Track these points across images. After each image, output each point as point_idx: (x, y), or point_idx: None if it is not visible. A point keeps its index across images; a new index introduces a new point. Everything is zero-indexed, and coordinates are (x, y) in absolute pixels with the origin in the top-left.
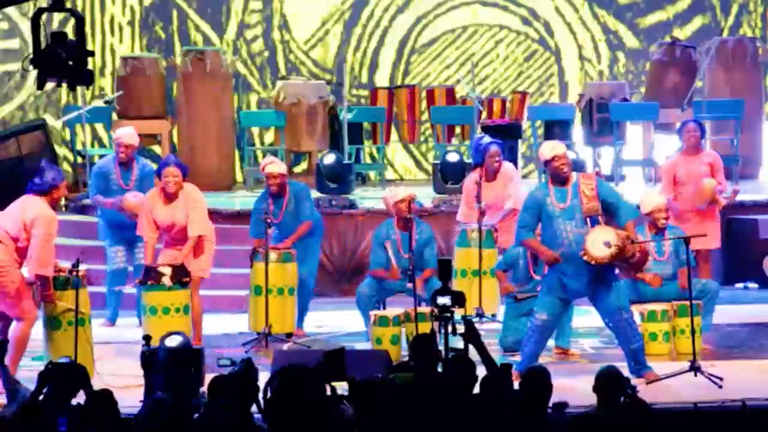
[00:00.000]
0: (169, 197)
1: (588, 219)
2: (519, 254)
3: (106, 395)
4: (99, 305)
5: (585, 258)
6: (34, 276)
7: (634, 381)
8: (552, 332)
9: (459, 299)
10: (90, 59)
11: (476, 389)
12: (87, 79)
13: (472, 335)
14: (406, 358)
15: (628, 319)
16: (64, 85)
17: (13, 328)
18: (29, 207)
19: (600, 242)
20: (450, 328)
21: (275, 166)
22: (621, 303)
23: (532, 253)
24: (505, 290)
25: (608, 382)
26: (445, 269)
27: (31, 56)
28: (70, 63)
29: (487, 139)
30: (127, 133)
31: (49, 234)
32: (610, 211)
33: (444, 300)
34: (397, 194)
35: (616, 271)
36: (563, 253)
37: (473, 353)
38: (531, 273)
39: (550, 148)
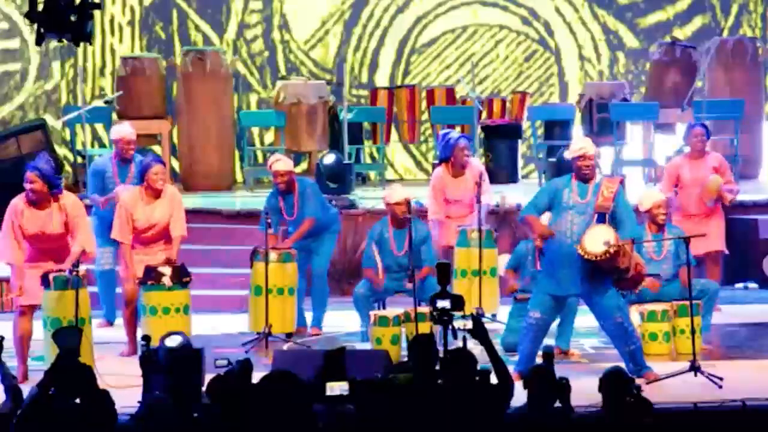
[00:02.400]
0: (155, 196)
1: (596, 216)
2: (528, 251)
3: (104, 395)
4: (99, 306)
5: (579, 250)
6: None
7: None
8: (547, 330)
9: (458, 303)
10: (96, 12)
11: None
12: (88, 35)
13: (479, 331)
14: (406, 358)
15: (624, 321)
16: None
17: None
18: None
19: (599, 240)
20: (450, 331)
21: (281, 163)
22: (617, 305)
23: (539, 249)
24: (510, 289)
25: (614, 382)
26: (443, 272)
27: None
28: (72, 18)
29: (454, 133)
30: (130, 130)
31: (6, 221)
32: (615, 221)
33: (443, 303)
34: (392, 196)
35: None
36: (562, 245)
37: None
38: (537, 267)
39: (579, 147)
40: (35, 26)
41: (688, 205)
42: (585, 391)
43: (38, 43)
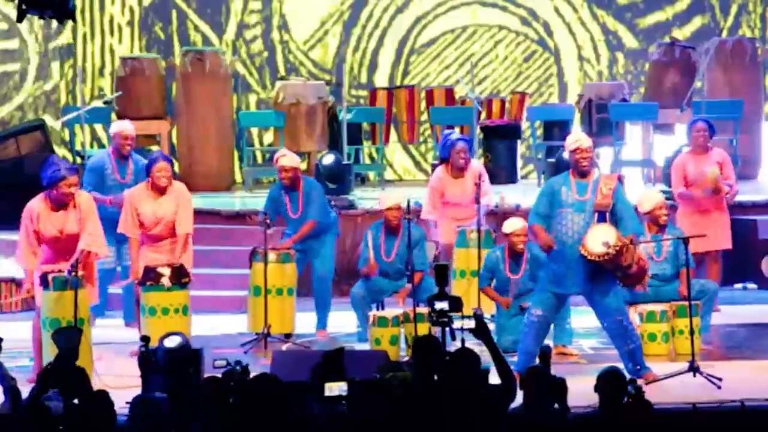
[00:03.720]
0: (161, 192)
1: (596, 214)
2: (498, 258)
3: (103, 396)
4: None
5: (581, 251)
6: None
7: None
8: (548, 328)
9: (456, 304)
10: None
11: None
12: (71, 12)
13: (481, 330)
14: (405, 359)
15: (624, 320)
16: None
17: None
18: None
19: (600, 239)
20: (448, 332)
21: (287, 159)
22: (618, 305)
23: (509, 254)
24: (505, 304)
25: (610, 382)
26: (441, 274)
27: None
28: None
29: (455, 135)
30: (130, 126)
31: (21, 226)
32: (615, 218)
33: (442, 305)
34: (385, 201)
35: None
36: (563, 244)
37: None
38: (507, 273)
39: (574, 140)
40: (16, 2)
41: (693, 201)
42: (583, 392)
43: (19, 20)
